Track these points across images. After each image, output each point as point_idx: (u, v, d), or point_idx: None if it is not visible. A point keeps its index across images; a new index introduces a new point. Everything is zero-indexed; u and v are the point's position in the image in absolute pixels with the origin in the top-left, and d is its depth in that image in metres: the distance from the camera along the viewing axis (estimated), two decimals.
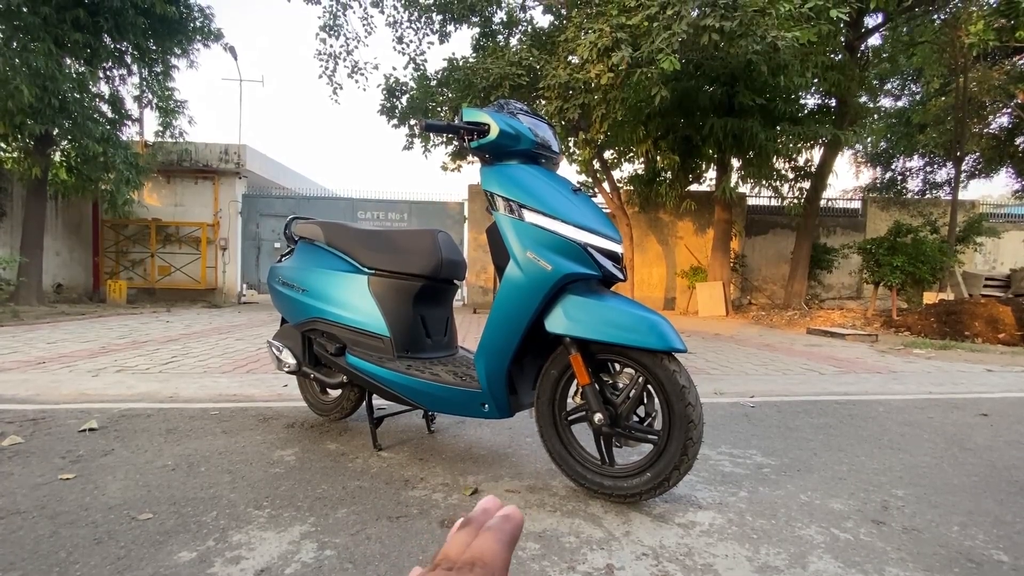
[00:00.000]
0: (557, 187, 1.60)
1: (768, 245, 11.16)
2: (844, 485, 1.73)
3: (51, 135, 7.63)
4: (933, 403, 2.96)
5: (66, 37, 7.10)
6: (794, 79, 6.83)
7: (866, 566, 1.24)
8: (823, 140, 8.56)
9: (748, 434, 2.28)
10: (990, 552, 1.32)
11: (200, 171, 10.51)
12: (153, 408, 2.49)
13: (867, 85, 9.63)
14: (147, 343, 4.60)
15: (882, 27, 8.91)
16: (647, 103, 6.97)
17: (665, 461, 1.45)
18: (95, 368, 3.40)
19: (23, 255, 7.87)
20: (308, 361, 2.13)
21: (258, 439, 2.06)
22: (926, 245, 7.78)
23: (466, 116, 1.62)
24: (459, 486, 1.65)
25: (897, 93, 12.44)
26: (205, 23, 8.97)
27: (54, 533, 1.30)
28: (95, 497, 1.51)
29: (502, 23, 10.27)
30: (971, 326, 6.10)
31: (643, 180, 9.82)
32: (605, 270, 1.52)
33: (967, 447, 2.17)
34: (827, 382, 3.49)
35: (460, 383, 1.70)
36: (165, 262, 10.58)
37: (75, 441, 1.99)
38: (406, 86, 9.90)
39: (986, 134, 10.68)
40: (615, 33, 6.12)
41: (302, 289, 2.09)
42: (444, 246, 1.98)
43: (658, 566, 1.22)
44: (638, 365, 1.48)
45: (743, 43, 5.74)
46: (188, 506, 1.47)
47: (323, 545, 1.27)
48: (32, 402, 2.56)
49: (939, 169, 12.46)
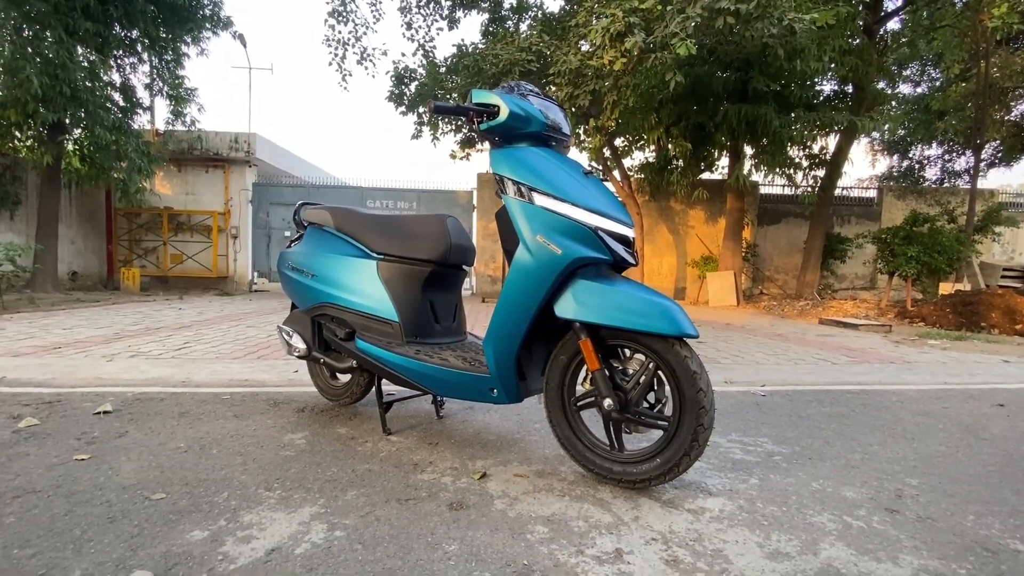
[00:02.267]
0: (568, 170, 1.57)
1: (781, 234, 11.02)
2: (857, 473, 1.71)
3: (63, 124, 7.69)
4: (948, 393, 2.91)
5: (77, 25, 7.13)
6: (811, 63, 6.69)
7: (879, 553, 1.22)
8: (839, 127, 8.39)
9: (759, 422, 2.26)
10: (1006, 541, 1.29)
11: (211, 160, 10.56)
12: (166, 392, 2.52)
13: (885, 70, 9.42)
14: (160, 330, 4.65)
15: (901, 10, 8.69)
16: (659, 89, 6.87)
17: (675, 447, 1.43)
18: (109, 353, 3.44)
19: (38, 243, 7.98)
20: (318, 346, 2.13)
21: (269, 423, 2.08)
22: (943, 235, 7.64)
23: (475, 98, 1.60)
24: (468, 470, 1.65)
25: (916, 79, 12.17)
26: (215, 10, 8.97)
27: (69, 512, 1.32)
28: (109, 477, 1.53)
29: (512, 8, 10.15)
30: (988, 317, 6.00)
31: (654, 168, 9.71)
32: (616, 254, 1.49)
33: (983, 437, 2.13)
34: (840, 372, 3.45)
35: (469, 368, 1.70)
36: (177, 250, 10.69)
37: (90, 423, 2.02)
38: (415, 73, 9.83)
39: (1007, 121, 10.41)
40: (628, 18, 6.02)
41: (311, 274, 2.10)
42: (453, 231, 1.97)
43: (667, 551, 1.21)
44: (649, 351, 1.46)
45: (759, 26, 5.62)
46: (200, 487, 1.48)
47: (333, 526, 1.28)
48: (48, 386, 2.60)
49: (958, 157, 12.20)
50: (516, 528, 1.30)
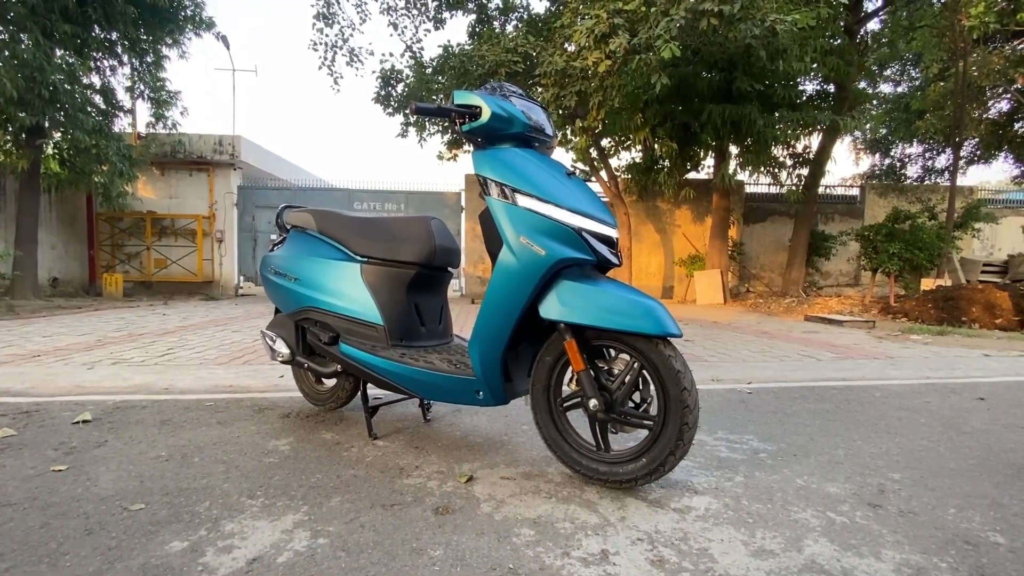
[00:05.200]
0: (551, 171, 1.57)
1: (766, 233, 11.14)
2: (840, 469, 1.73)
3: (42, 127, 7.54)
4: (930, 388, 2.96)
5: (54, 27, 7.00)
6: (793, 64, 6.77)
7: (862, 548, 1.23)
8: (822, 126, 8.50)
9: (745, 420, 2.28)
10: (987, 534, 1.31)
11: (194, 163, 10.42)
12: (148, 400, 2.48)
13: (866, 70, 9.56)
14: (143, 336, 4.58)
15: (881, 11, 8.83)
16: (645, 90, 6.91)
17: (661, 446, 1.44)
18: (91, 361, 3.38)
19: (17, 249, 7.82)
20: (302, 351, 2.11)
21: (253, 429, 2.05)
22: (924, 231, 7.76)
23: (457, 99, 1.59)
24: (454, 474, 1.64)
25: (896, 79, 12.36)
26: (196, 11, 8.85)
27: (45, 524, 1.29)
28: (87, 488, 1.50)
29: (498, 9, 10.15)
30: (968, 312, 6.10)
31: (641, 168, 9.76)
32: (600, 255, 1.49)
33: (964, 431, 2.16)
34: (824, 368, 3.48)
35: (454, 371, 1.69)
36: (161, 255, 10.54)
37: (68, 433, 1.98)
38: (401, 74, 9.80)
39: (985, 119, 10.61)
40: (612, 19, 6.04)
41: (294, 278, 2.07)
42: (438, 233, 1.96)
43: (653, 551, 1.21)
44: (633, 350, 1.46)
45: (742, 27, 5.67)
46: (181, 496, 1.46)
47: (316, 534, 1.26)
48: (27, 395, 2.54)
49: (938, 155, 12.42)
50: (502, 531, 1.29)
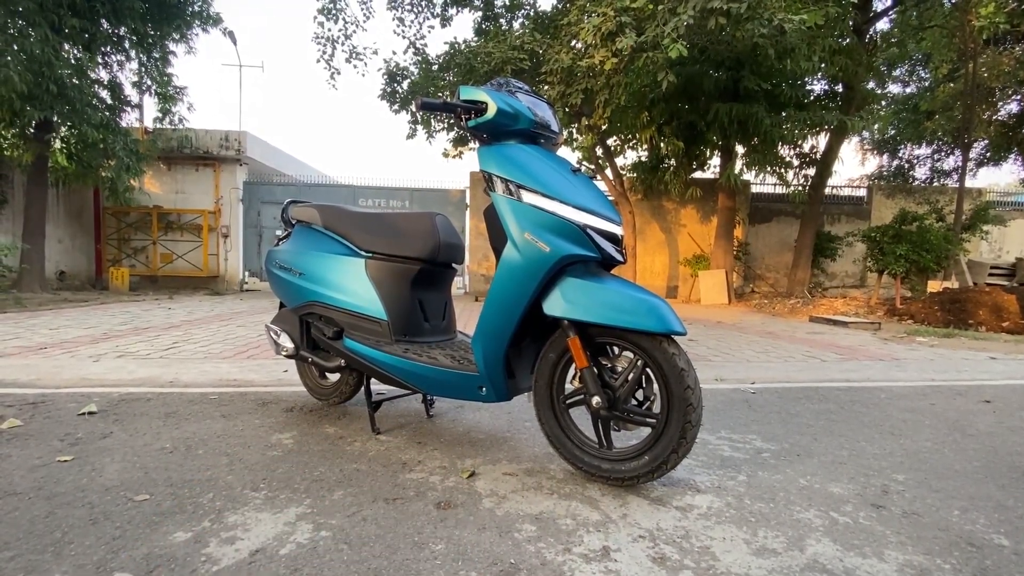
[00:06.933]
0: (556, 167, 1.57)
1: (772, 233, 11.09)
2: (844, 470, 1.72)
3: (50, 121, 7.59)
4: (935, 390, 2.94)
5: (63, 22, 7.04)
6: (801, 63, 6.72)
7: (865, 549, 1.23)
8: (829, 126, 8.44)
9: (748, 419, 2.27)
10: (991, 536, 1.30)
11: (200, 158, 10.47)
12: (153, 392, 2.49)
13: (875, 70, 9.48)
14: (149, 329, 4.60)
15: (891, 10, 8.75)
16: (651, 88, 6.89)
17: (663, 444, 1.43)
18: (96, 354, 3.40)
19: (25, 242, 7.88)
20: (306, 345, 2.11)
21: (257, 423, 2.06)
22: (931, 233, 7.71)
23: (463, 94, 1.59)
24: (457, 469, 1.65)
25: (905, 79, 12.25)
26: (203, 7, 8.88)
27: (50, 514, 1.30)
28: (92, 479, 1.51)
29: (504, 6, 10.12)
30: (975, 314, 6.06)
31: (646, 167, 9.73)
32: (604, 252, 1.49)
33: (969, 433, 2.15)
34: (829, 369, 3.47)
35: (458, 367, 1.69)
36: (167, 249, 10.59)
37: (74, 424, 2.00)
38: (407, 71, 9.79)
39: (995, 121, 10.52)
40: (619, 17, 6.02)
41: (299, 273, 2.08)
42: (442, 229, 1.96)
43: (655, 548, 1.21)
44: (637, 348, 1.46)
45: (750, 26, 5.64)
46: (185, 488, 1.46)
47: (319, 526, 1.27)
48: (33, 386, 2.56)
49: (946, 157, 12.31)
50: (504, 527, 1.29)
